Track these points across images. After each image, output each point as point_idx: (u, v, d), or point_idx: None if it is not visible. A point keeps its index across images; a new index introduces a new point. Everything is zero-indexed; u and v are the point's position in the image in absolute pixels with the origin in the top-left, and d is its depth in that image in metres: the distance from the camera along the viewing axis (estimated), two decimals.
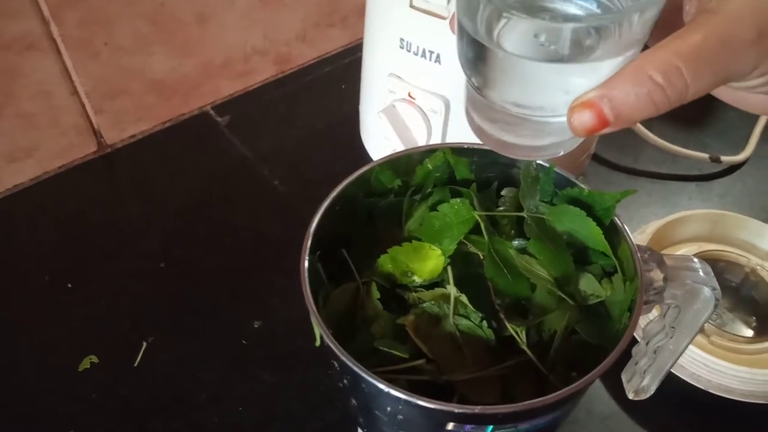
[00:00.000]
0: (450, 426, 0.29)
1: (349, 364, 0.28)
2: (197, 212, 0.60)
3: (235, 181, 0.63)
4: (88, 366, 0.49)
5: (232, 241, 0.58)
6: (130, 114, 0.64)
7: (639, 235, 0.54)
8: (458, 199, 0.35)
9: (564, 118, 0.24)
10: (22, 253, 0.57)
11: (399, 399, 0.28)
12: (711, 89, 0.24)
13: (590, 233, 0.33)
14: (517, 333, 0.32)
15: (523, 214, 0.35)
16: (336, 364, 0.31)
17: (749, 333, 0.51)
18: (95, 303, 0.53)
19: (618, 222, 0.34)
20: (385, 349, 0.31)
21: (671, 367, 0.38)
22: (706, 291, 0.34)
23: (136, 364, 0.50)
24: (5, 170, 0.60)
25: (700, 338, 0.49)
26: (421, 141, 0.52)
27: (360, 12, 0.54)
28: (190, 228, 0.59)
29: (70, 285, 0.54)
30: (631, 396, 0.40)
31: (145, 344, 0.51)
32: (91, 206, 0.61)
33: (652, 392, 0.40)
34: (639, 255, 0.32)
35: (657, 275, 0.33)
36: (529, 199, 0.35)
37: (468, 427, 0.29)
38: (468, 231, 0.34)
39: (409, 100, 0.51)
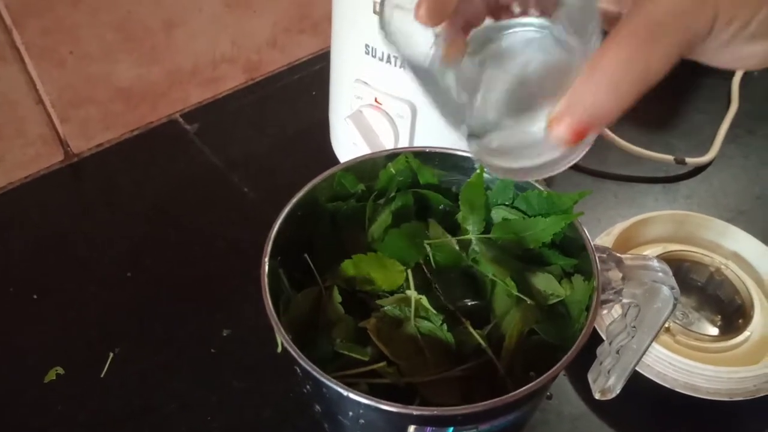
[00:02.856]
0: (411, 429, 0.29)
1: (309, 369, 0.28)
2: (166, 220, 0.60)
3: (204, 188, 0.63)
4: (54, 378, 0.49)
5: (201, 249, 0.58)
6: (96, 122, 0.64)
7: (605, 237, 0.54)
8: (419, 223, 0.36)
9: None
10: None
11: (360, 403, 0.28)
12: (673, 62, 0.24)
13: (537, 230, 0.34)
14: (477, 335, 0.32)
15: (470, 236, 0.35)
16: (298, 370, 0.31)
17: (715, 332, 0.52)
18: (61, 313, 0.53)
19: (577, 222, 0.34)
20: (346, 353, 0.31)
21: (635, 366, 0.38)
22: (665, 290, 0.34)
23: (102, 375, 0.49)
24: None
25: (665, 337, 0.50)
26: (388, 146, 0.52)
27: (331, 18, 0.54)
28: (159, 236, 0.59)
29: (35, 296, 0.54)
30: (597, 396, 0.41)
31: (111, 354, 0.50)
32: (58, 216, 0.60)
33: (618, 392, 0.40)
34: (597, 255, 0.33)
35: (615, 275, 0.33)
36: (473, 223, 0.35)
37: (429, 429, 0.29)
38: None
39: (376, 106, 0.51)
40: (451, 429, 0.29)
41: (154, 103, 0.67)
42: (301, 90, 0.73)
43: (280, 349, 0.30)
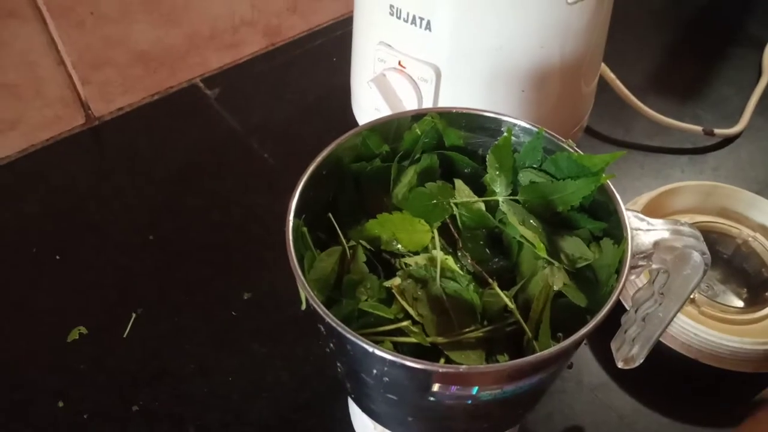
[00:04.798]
0: (436, 387, 0.29)
1: (334, 325, 0.28)
2: (186, 185, 0.60)
3: (224, 153, 0.63)
4: (77, 337, 0.49)
5: (220, 214, 0.58)
6: (116, 86, 0.64)
7: (631, 206, 0.53)
8: (445, 183, 0.35)
9: None
10: (9, 226, 0.56)
11: (384, 360, 0.27)
12: None
13: (566, 193, 0.33)
14: (504, 296, 0.31)
15: (498, 197, 0.35)
16: (322, 328, 0.31)
17: (740, 304, 0.51)
18: (83, 275, 0.53)
19: (608, 185, 0.33)
20: (370, 311, 0.30)
21: (660, 335, 0.37)
22: (696, 256, 0.34)
23: (125, 336, 0.49)
24: None
25: (690, 308, 0.49)
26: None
27: None
28: (179, 200, 0.59)
29: (58, 257, 0.54)
30: (620, 365, 0.40)
31: (134, 315, 0.50)
32: (79, 179, 0.60)
33: (641, 361, 0.39)
34: (628, 218, 0.32)
35: (646, 239, 0.32)
36: (500, 185, 0.35)
37: (453, 388, 0.28)
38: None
39: (399, 69, 0.50)
40: (476, 389, 0.29)
41: (174, 68, 0.66)
42: (321, 56, 0.72)
43: (304, 306, 0.30)
